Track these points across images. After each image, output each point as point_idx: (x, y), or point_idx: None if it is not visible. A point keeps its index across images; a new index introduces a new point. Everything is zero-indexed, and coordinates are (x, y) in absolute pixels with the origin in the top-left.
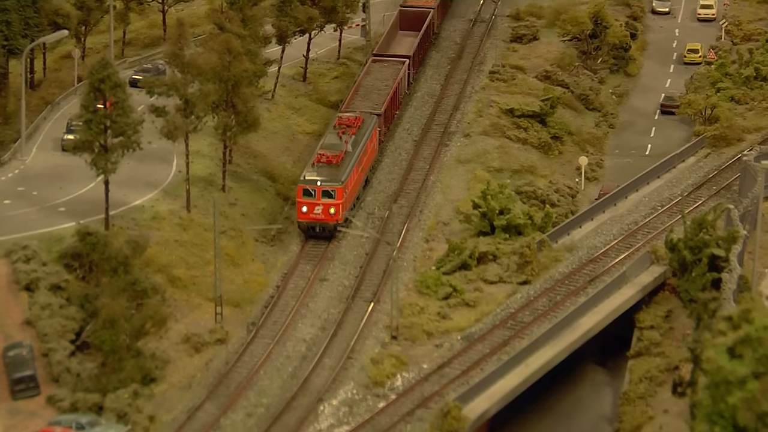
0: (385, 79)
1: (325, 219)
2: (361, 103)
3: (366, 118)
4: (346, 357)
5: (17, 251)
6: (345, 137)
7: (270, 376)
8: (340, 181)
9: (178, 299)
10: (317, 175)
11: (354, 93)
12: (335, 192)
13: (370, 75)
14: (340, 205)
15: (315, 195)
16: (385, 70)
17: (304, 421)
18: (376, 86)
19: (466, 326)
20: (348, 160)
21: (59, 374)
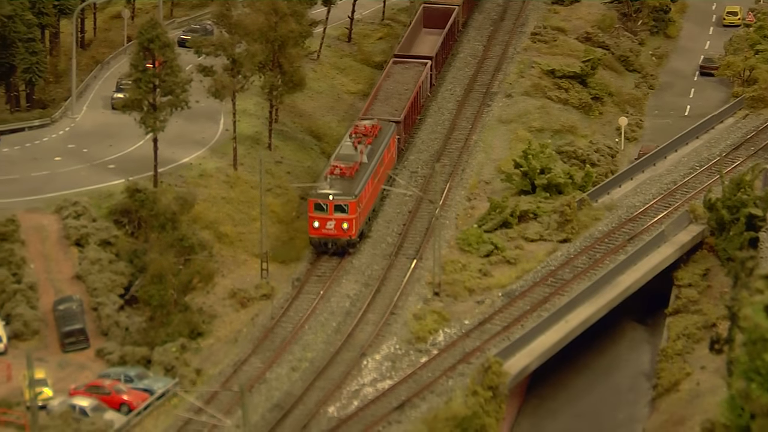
0: (406, 82)
1: (337, 234)
2: (381, 109)
3: (384, 127)
4: (389, 313)
5: (68, 207)
6: (360, 147)
7: (314, 330)
8: (354, 194)
9: (224, 255)
10: (330, 189)
11: (373, 97)
12: (348, 206)
13: (391, 78)
14: (353, 220)
15: (327, 209)
16: (407, 72)
17: (347, 375)
18: (396, 90)
19: (507, 283)
20: (363, 171)
21: (108, 328)
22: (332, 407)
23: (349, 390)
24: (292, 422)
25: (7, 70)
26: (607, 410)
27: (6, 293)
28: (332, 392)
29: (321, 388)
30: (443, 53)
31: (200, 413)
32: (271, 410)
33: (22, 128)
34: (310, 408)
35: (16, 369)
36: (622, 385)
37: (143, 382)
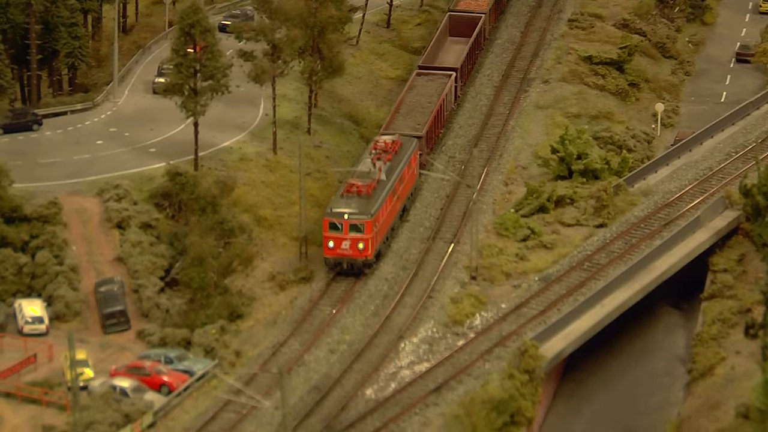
0: (429, 95)
1: (353, 255)
2: (403, 123)
3: (405, 143)
4: (427, 296)
5: (109, 190)
6: (379, 164)
7: (353, 313)
8: (370, 213)
9: (264, 238)
10: (345, 207)
11: (395, 111)
12: (364, 226)
13: (414, 90)
14: (369, 240)
15: (342, 229)
16: (431, 84)
17: (385, 357)
18: (419, 103)
19: (544, 267)
20: (380, 190)
21: (149, 310)
22: (370, 389)
23: (387, 372)
24: (331, 404)
25: (50, 55)
26: (642, 394)
27: (48, 275)
28: (370, 374)
29: (359, 371)
30: (469, 64)
31: (239, 395)
32: (310, 392)
33: (65, 112)
34: (348, 390)
35: (57, 350)
36: (657, 370)
37: (183, 364)
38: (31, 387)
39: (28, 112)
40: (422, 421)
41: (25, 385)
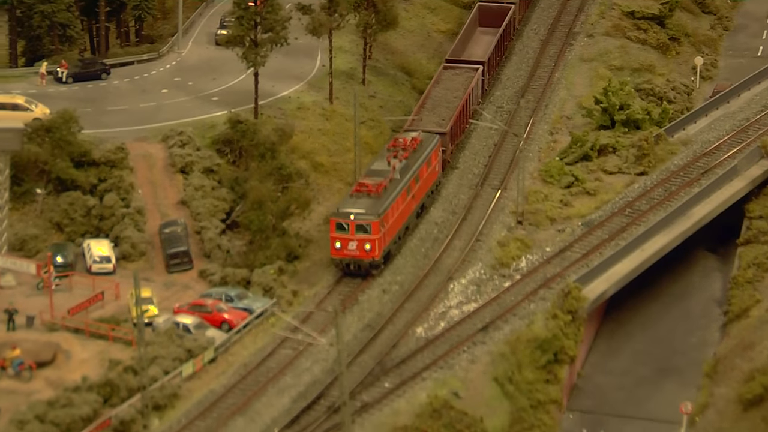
0: (455, 89)
1: (360, 256)
2: (427, 119)
3: (425, 139)
4: (475, 239)
5: (173, 137)
6: (394, 162)
7: (404, 255)
8: (377, 214)
9: (320, 183)
10: (353, 207)
11: (420, 106)
12: (370, 226)
13: (440, 84)
14: (376, 240)
15: (348, 229)
16: (457, 78)
17: (435, 298)
18: (445, 98)
19: (587, 213)
20: (392, 189)
21: (211, 250)
22: (420, 328)
23: (437, 312)
24: (383, 341)
25: (118, 7)
26: (680, 334)
27: (115, 217)
28: (420, 314)
29: (410, 310)
30: (496, 56)
31: (296, 332)
32: (363, 330)
33: (131, 62)
34: (399, 328)
35: (123, 288)
36: (694, 311)
37: (243, 302)
38: (98, 323)
39: (97, 62)
40: (470, 359)
41: (92, 322)
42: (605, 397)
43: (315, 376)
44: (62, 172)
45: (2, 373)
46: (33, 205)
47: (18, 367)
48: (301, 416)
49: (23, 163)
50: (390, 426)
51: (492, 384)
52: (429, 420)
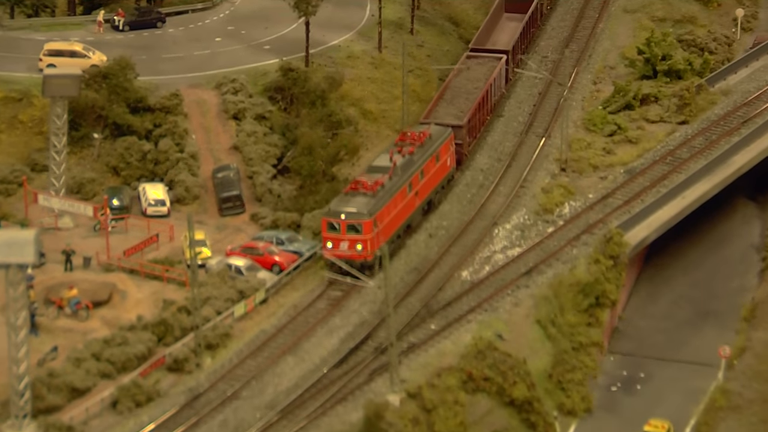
0: (477, 79)
1: (351, 256)
2: (445, 111)
3: (435, 133)
4: (519, 186)
5: (227, 84)
6: (396, 158)
7: (450, 201)
8: (369, 213)
9: (369, 130)
10: (345, 206)
11: (438, 98)
12: (362, 226)
13: (462, 75)
14: (367, 241)
15: (340, 229)
16: (480, 68)
17: (480, 242)
18: (465, 89)
19: (629, 161)
20: (390, 186)
21: (262, 195)
22: (465, 271)
23: (482, 256)
24: (429, 284)
25: None
26: (719, 280)
27: (170, 161)
28: (466, 258)
29: (455, 254)
30: (522, 44)
31: (345, 274)
32: (410, 273)
33: (186, 11)
34: (445, 272)
35: (177, 231)
36: (733, 257)
37: (293, 245)
38: (153, 264)
39: (153, 11)
40: (513, 302)
41: (147, 263)
42: (645, 340)
43: (363, 317)
44: (118, 117)
45: (60, 313)
46: (90, 150)
47: (75, 307)
48: (349, 356)
49: (81, 108)
50: (435, 367)
51: (535, 326)
52: (473, 361)
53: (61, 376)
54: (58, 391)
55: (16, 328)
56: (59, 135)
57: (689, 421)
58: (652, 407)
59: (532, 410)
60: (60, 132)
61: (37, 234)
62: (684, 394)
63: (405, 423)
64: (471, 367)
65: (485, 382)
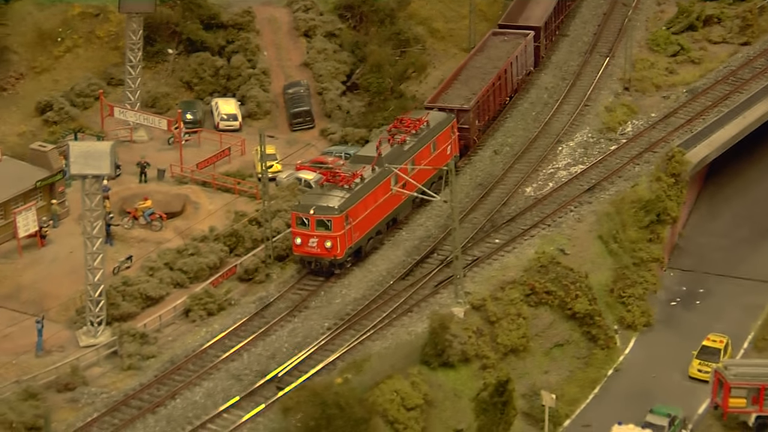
0: (498, 59)
1: (320, 254)
2: (455, 93)
3: (434, 120)
4: (583, 104)
5: (298, 1)
6: (381, 148)
7: (515, 119)
8: (340, 209)
9: (436, 49)
10: (316, 200)
11: (452, 79)
12: (331, 222)
13: (483, 53)
14: (337, 238)
15: (309, 225)
16: (504, 46)
17: (544, 159)
18: (483, 69)
19: (691, 80)
20: (371, 178)
21: (331, 111)
22: (529, 188)
23: (545, 173)
24: (494, 199)
25: None
26: None
27: (242, 77)
28: (530, 174)
29: (520, 170)
30: (556, 19)
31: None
32: (475, 188)
33: None
34: (509, 187)
35: (249, 145)
36: None
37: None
38: (225, 177)
39: None
40: (576, 218)
41: (219, 175)
42: (705, 256)
43: (428, 231)
44: (192, 33)
45: (134, 223)
46: (165, 65)
47: (149, 217)
48: (415, 269)
49: (156, 24)
50: (499, 280)
51: (597, 242)
52: (536, 275)
53: (135, 285)
54: (132, 299)
55: (92, 238)
56: (135, 50)
57: (747, 336)
58: (710, 322)
59: (593, 324)
60: (135, 47)
61: (113, 146)
62: (742, 309)
63: (469, 334)
64: (534, 280)
65: (547, 295)
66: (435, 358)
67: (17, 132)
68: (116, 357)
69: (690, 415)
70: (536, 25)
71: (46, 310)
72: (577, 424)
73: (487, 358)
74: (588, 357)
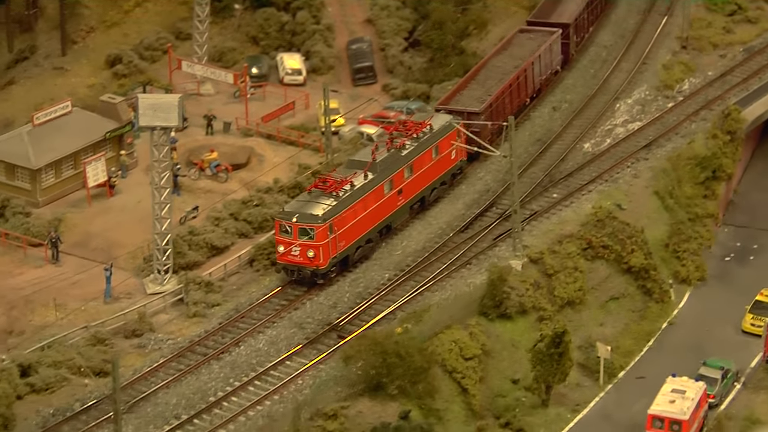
0: (521, 57)
1: (303, 263)
2: (469, 94)
3: (437, 123)
4: (641, 62)
5: None
6: (375, 153)
7: (573, 76)
8: (324, 218)
9: (497, 6)
10: (300, 208)
11: (470, 78)
12: (314, 231)
13: (507, 51)
14: (320, 247)
15: (292, 233)
16: (529, 44)
17: (602, 116)
18: (504, 68)
19: (748, 40)
20: (362, 185)
21: (393, 66)
22: (587, 143)
23: (603, 129)
24: (552, 155)
25: None
26: None
27: (306, 32)
28: (587, 130)
29: (578, 126)
30: (590, 17)
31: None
32: (534, 144)
33: None
34: (567, 143)
35: (313, 99)
36: None
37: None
38: (289, 130)
39: None
40: (633, 173)
41: (284, 129)
42: (759, 213)
43: (488, 185)
44: None
45: (201, 174)
46: (231, 20)
47: (215, 169)
48: (474, 222)
49: None
50: (556, 233)
51: (653, 197)
52: (593, 229)
53: (201, 234)
54: (198, 249)
55: (160, 188)
56: (202, 5)
57: None
58: (764, 277)
59: (649, 277)
60: (203, 2)
61: (180, 99)
62: None
63: (527, 287)
64: (591, 235)
65: (604, 249)
66: (493, 309)
67: (87, 84)
68: (182, 305)
69: (742, 368)
70: (565, 21)
71: (114, 258)
72: (631, 375)
73: (544, 310)
74: (643, 310)
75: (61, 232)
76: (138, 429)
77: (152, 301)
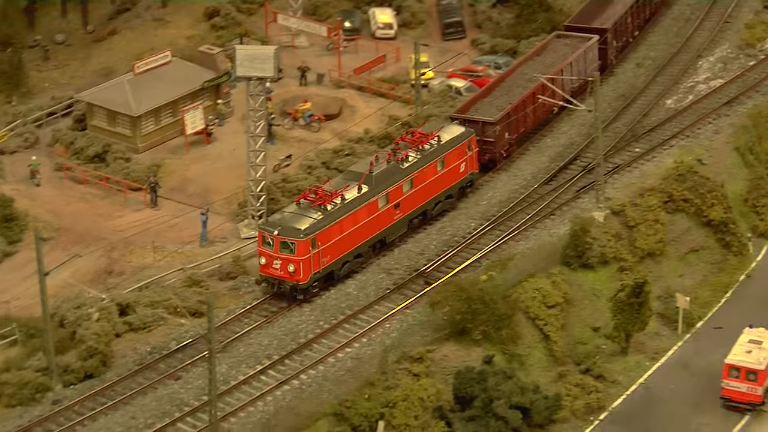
0: (553, 65)
1: (283, 277)
2: (491, 103)
3: (447, 134)
4: (724, 21)
5: None
6: (372, 165)
7: (657, 34)
8: (306, 232)
9: None
10: (283, 221)
11: (495, 85)
12: (295, 245)
13: (539, 57)
14: (300, 262)
15: (273, 245)
16: (564, 50)
17: (684, 73)
18: (531, 76)
19: None
20: (353, 199)
21: (482, 22)
22: (670, 100)
23: (685, 86)
24: (635, 110)
25: None
26: None
27: None
28: (670, 87)
29: (661, 83)
30: (633, 21)
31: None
32: (617, 99)
33: None
34: (650, 99)
35: (403, 52)
36: None
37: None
38: (380, 82)
39: None
40: (714, 129)
41: (375, 81)
42: None
43: (572, 138)
44: None
45: (294, 124)
46: None
47: (308, 119)
48: (558, 174)
49: None
50: (638, 187)
51: (733, 153)
52: (674, 183)
53: (294, 182)
54: (291, 196)
55: (255, 137)
56: None
57: None
58: None
59: (728, 231)
60: None
61: (276, 50)
62: None
63: (608, 238)
64: (672, 188)
65: (684, 203)
66: (575, 259)
67: (186, 36)
68: None
69: None
70: (603, 27)
71: (210, 203)
72: (709, 326)
73: (625, 260)
74: (721, 263)
75: (159, 177)
76: (231, 368)
77: (247, 245)
